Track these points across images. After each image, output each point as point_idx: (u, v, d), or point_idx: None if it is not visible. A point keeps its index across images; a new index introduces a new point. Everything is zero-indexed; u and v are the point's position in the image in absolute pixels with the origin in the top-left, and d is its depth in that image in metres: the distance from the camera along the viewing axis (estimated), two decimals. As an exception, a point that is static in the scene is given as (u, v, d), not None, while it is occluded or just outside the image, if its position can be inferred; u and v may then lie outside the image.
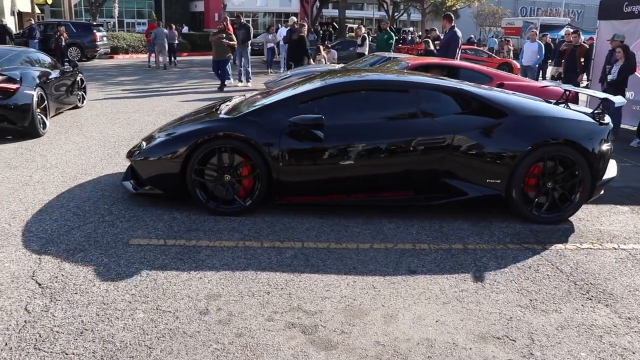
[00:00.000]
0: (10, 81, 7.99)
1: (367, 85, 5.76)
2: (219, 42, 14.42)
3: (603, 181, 5.37)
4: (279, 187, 5.17)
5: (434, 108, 5.41)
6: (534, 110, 5.39)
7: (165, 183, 5.28)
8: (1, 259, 4.13)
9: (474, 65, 9.28)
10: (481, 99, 5.41)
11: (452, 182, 5.22)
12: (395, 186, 5.28)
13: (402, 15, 49.33)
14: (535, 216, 5.28)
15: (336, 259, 4.33)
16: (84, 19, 39.40)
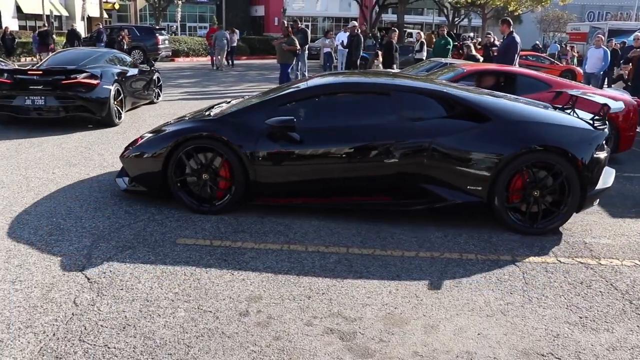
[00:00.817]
0: (92, 77, 9.35)
1: (347, 88, 5.75)
2: (279, 47, 14.57)
3: (595, 191, 5.08)
4: (256, 188, 5.20)
5: (415, 112, 5.26)
6: (520, 115, 5.20)
7: (149, 181, 5.43)
8: (55, 253, 4.28)
9: (531, 72, 9.02)
10: (464, 103, 5.25)
11: (431, 187, 5.09)
12: (372, 190, 5.22)
13: (462, 20, 48.57)
14: (519, 225, 5.07)
15: (380, 265, 4.28)
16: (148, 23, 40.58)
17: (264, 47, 32.21)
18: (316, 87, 5.65)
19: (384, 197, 5.22)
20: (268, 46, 31.63)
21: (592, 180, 5.01)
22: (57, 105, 9.16)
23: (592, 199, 5.11)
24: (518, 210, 5.09)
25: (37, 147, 7.88)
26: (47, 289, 3.72)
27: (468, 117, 5.15)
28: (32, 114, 9.26)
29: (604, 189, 5.19)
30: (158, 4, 32.86)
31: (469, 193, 5.04)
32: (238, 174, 5.13)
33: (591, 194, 5.04)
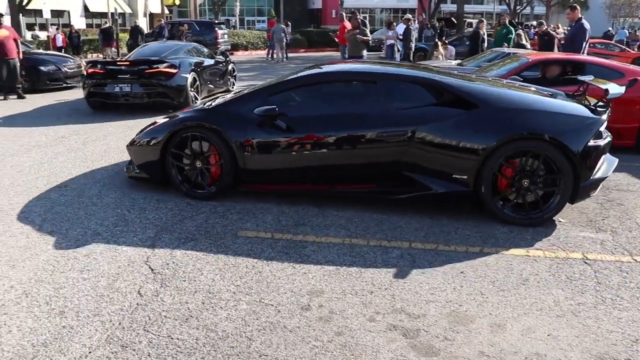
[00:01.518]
0: (171, 67, 10.62)
1: (335, 77, 5.78)
2: (352, 39, 14.40)
3: (591, 181, 4.84)
4: (244, 175, 5.34)
5: (403, 99, 5.19)
6: (510, 102, 5.02)
7: (149, 168, 5.67)
8: (120, 244, 4.37)
9: (602, 60, 8.61)
10: (451, 90, 5.11)
11: (416, 175, 5.02)
12: (357, 178, 5.20)
13: (524, 9, 47.18)
14: (509, 216, 4.90)
15: (443, 261, 4.17)
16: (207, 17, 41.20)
17: (322, 39, 32.20)
18: (306, 77, 5.67)
19: (369, 185, 5.19)
20: (326, 38, 31.62)
21: (586, 170, 4.78)
22: (142, 91, 10.52)
23: (587, 189, 4.88)
24: (508, 200, 4.93)
25: (102, 141, 8.11)
26: (113, 279, 3.79)
27: (455, 104, 5.03)
28: (120, 100, 10.58)
29: (601, 179, 4.96)
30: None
31: (454, 182, 4.93)
32: (227, 161, 5.29)
33: (585, 185, 4.80)
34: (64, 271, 3.91)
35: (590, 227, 4.90)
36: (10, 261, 4.08)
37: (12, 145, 7.88)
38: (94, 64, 11.10)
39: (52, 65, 14.21)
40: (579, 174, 4.73)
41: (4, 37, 12.40)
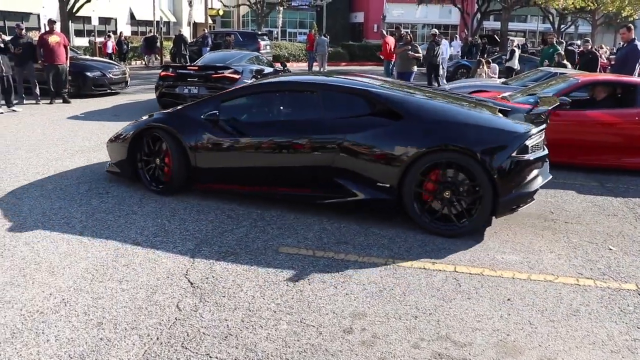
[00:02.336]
0: (235, 73, 11.58)
1: (279, 86, 6.07)
2: (404, 55, 14.30)
3: (514, 195, 4.80)
4: (196, 173, 5.73)
5: (339, 109, 5.39)
6: (434, 114, 5.11)
7: (120, 164, 6.19)
8: (160, 255, 4.32)
9: None
10: (381, 101, 5.26)
11: (344, 182, 5.14)
12: (295, 182, 5.40)
13: (568, 27, 46.41)
14: (431, 226, 4.95)
15: (490, 287, 4.00)
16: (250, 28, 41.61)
17: (363, 53, 32.17)
18: (255, 86, 6.18)
19: (304, 190, 5.37)
20: (367, 52, 31.59)
21: (506, 184, 4.73)
22: (207, 93, 10.94)
23: (509, 203, 4.85)
24: (430, 211, 4.98)
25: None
26: (152, 291, 3.73)
27: (384, 114, 5.17)
28: (188, 100, 10.73)
29: (525, 193, 4.90)
30: (261, 10, 33.59)
31: (378, 190, 5.02)
32: (176, 160, 5.71)
33: (507, 199, 4.77)
34: (103, 281, 3.87)
35: (646, 257, 4.66)
36: (50, 267, 4.06)
37: (57, 149, 7.97)
38: (167, 68, 12.11)
39: (98, 71, 14.47)
40: (498, 188, 4.70)
41: (55, 43, 12.67)
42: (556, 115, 7.41)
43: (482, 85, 11.03)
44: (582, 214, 5.73)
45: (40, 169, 6.85)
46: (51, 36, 12.71)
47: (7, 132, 9.27)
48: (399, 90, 5.58)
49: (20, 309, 3.47)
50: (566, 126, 7.52)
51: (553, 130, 7.44)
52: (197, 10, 41.39)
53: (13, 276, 3.92)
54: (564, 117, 7.48)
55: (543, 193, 6.32)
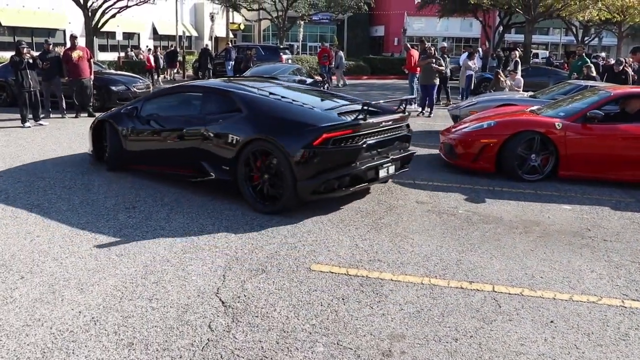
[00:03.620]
0: None
1: (180, 89, 7.61)
2: (427, 67, 14.21)
3: (312, 182, 5.45)
4: (125, 155, 7.32)
5: (212, 106, 6.49)
6: (261, 108, 6.08)
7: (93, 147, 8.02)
8: (189, 272, 4.23)
9: None
10: (233, 98, 6.31)
11: (204, 164, 6.23)
12: (179, 163, 6.69)
13: (592, 40, 45.87)
14: (256, 205, 5.81)
15: (531, 308, 3.83)
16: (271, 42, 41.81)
17: (385, 66, 32.09)
18: (166, 89, 7.89)
19: (186, 170, 6.57)
20: (388, 66, 31.50)
21: (304, 171, 5.39)
22: None
23: (308, 188, 5.47)
24: (257, 192, 5.83)
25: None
26: (183, 310, 3.64)
27: (234, 110, 6.19)
28: None
29: (332, 179, 5.51)
30: (282, 24, 33.73)
31: (223, 171, 6.04)
32: (112, 144, 7.42)
33: (305, 184, 5.43)
34: (133, 299, 3.79)
35: (693, 277, 4.46)
36: (79, 284, 3.99)
37: (84, 163, 7.97)
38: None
39: (122, 85, 14.55)
40: (295, 173, 5.40)
41: (78, 57, 12.77)
42: (588, 129, 7.25)
43: (508, 99, 10.85)
44: (620, 231, 5.53)
45: (67, 182, 6.83)
46: (74, 51, 12.81)
47: (34, 145, 9.30)
48: (255, 89, 6.64)
49: (50, 327, 3.40)
50: (598, 140, 7.31)
51: (585, 145, 7.28)
52: (219, 25, 41.72)
53: (42, 293, 3.85)
54: (595, 132, 7.29)
55: (578, 209, 6.15)
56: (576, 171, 7.35)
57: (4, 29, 30.18)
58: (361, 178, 5.78)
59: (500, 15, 35.59)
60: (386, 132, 6.06)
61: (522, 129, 7.42)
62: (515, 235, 5.29)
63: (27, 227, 5.21)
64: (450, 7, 34.11)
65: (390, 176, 6.31)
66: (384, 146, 6.10)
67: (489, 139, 7.53)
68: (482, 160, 7.56)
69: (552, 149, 7.32)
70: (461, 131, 8.03)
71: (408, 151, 6.59)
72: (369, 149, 5.81)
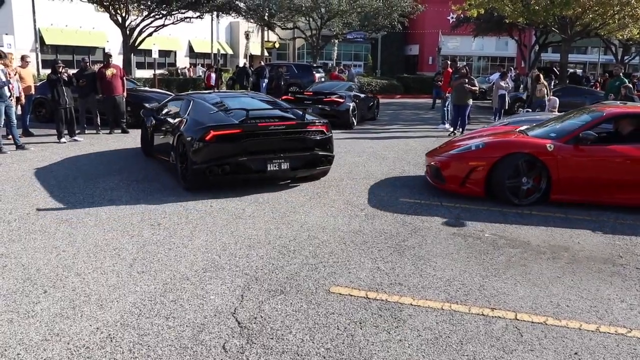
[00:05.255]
0: (340, 97, 15.57)
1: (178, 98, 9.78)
2: (460, 87, 14.08)
3: (200, 167, 7.16)
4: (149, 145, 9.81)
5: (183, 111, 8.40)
6: (192, 113, 8.01)
7: None
8: (208, 291, 4.22)
9: None
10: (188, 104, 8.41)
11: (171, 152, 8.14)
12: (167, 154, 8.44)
13: (633, 59, 45.00)
14: (181, 182, 7.72)
15: (554, 338, 3.71)
16: (305, 60, 42.11)
17: (418, 85, 31.98)
18: (171, 99, 10.02)
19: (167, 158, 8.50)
20: (422, 84, 31.38)
21: (194, 158, 7.21)
22: (319, 112, 14.06)
23: (198, 171, 7.20)
24: None
25: (198, 179, 8.16)
26: (198, 330, 3.63)
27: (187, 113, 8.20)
28: None
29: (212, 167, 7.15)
30: (316, 43, 34.01)
31: (171, 156, 8.12)
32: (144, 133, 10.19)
33: (195, 168, 7.19)
34: (150, 316, 3.79)
35: None
36: (99, 300, 4.02)
37: (113, 179, 8.10)
38: (286, 93, 17.54)
39: (155, 102, 14.75)
40: (189, 160, 7.26)
41: (111, 75, 13.05)
42: (580, 151, 6.93)
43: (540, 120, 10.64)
44: (654, 258, 5.34)
45: (96, 198, 6.94)
46: (108, 69, 13.09)
47: (67, 161, 9.50)
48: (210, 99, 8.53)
49: (67, 343, 3.43)
50: (591, 162, 6.98)
51: (577, 167, 6.96)
52: (254, 43, 42.28)
53: (63, 308, 3.90)
54: (588, 153, 6.95)
55: (610, 235, 5.97)
56: (569, 195, 7.03)
57: (48, 47, 31.16)
58: (248, 168, 7.24)
59: (536, 34, 35.20)
60: (278, 135, 7.39)
61: (512, 150, 7.10)
62: (542, 260, 5.16)
63: (54, 241, 5.29)
64: (484, 26, 33.93)
65: (285, 172, 7.50)
66: (276, 145, 7.41)
67: (478, 162, 7.23)
68: (471, 184, 7.22)
69: (544, 172, 6.99)
70: (448, 153, 7.72)
71: (315, 154, 7.68)
72: (255, 146, 7.24)
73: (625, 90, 12.96)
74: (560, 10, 21.17)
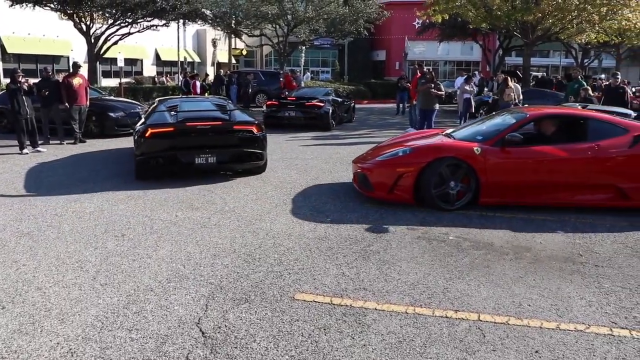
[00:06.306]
0: (320, 102, 16.76)
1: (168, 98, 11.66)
2: (427, 92, 14.21)
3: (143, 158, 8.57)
4: None
5: None
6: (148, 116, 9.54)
7: None
8: (172, 302, 4.18)
9: (604, 116, 7.67)
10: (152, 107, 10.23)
11: None
12: None
13: (592, 62, 46.05)
14: None
15: (516, 337, 3.77)
16: (273, 67, 42.10)
17: (385, 90, 32.24)
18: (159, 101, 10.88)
19: None
20: (389, 89, 31.64)
21: (138, 151, 8.62)
22: (301, 115, 16.57)
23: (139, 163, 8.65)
24: None
25: (163, 189, 8.09)
26: (162, 341, 3.59)
27: None
28: (285, 121, 16.57)
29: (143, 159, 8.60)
30: (283, 49, 34.01)
31: None
32: None
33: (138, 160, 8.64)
34: (112, 329, 3.75)
35: (685, 302, 4.39)
36: (60, 314, 3.95)
37: (77, 190, 7.97)
38: (271, 98, 19.46)
39: (121, 111, 14.61)
40: (135, 152, 8.74)
41: (78, 84, 12.92)
42: (507, 153, 7.00)
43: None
44: (613, 256, 5.47)
45: (58, 210, 6.82)
46: (75, 78, 12.96)
47: (30, 173, 9.33)
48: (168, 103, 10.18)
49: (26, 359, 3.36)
50: (518, 164, 7.06)
51: (505, 169, 7.02)
52: (221, 50, 42.08)
53: (22, 323, 3.82)
54: (515, 155, 7.04)
55: (571, 234, 6.09)
56: (498, 197, 7.04)
57: (10, 56, 30.53)
58: (179, 161, 8.52)
59: (499, 38, 35.80)
60: (205, 133, 8.57)
61: (439, 155, 7.02)
62: (505, 261, 5.24)
63: (14, 255, 5.19)
64: (449, 31, 34.35)
65: (212, 165, 8.62)
66: (204, 142, 8.57)
67: (405, 168, 7.07)
68: (399, 191, 7.07)
69: (472, 175, 6.96)
70: (375, 159, 7.51)
71: (241, 150, 8.79)
72: (184, 142, 8.54)
73: (584, 92, 13.28)
74: (522, 15, 21.62)
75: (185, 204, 7.20)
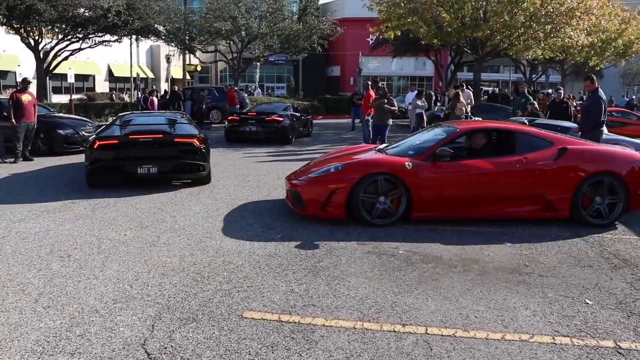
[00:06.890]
0: (279, 116, 17.51)
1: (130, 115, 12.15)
2: (380, 107, 14.33)
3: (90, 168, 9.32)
4: None
5: None
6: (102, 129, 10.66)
7: None
8: (117, 323, 4.10)
9: (531, 129, 8.13)
10: None
11: None
12: None
13: (539, 77, 47.49)
14: None
15: (462, 350, 3.83)
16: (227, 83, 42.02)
17: (339, 106, 32.51)
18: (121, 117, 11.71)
19: None
20: (342, 105, 31.92)
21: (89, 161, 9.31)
22: (262, 130, 17.23)
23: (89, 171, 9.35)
24: None
25: (112, 207, 7.95)
26: (106, 365, 3.51)
27: None
28: (246, 135, 17.29)
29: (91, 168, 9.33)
30: (237, 65, 33.96)
31: None
32: None
33: (88, 169, 9.35)
34: (54, 354, 3.64)
35: (621, 310, 4.54)
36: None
37: (22, 209, 7.74)
38: (232, 114, 19.45)
39: (70, 128, 14.31)
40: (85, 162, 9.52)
41: (27, 101, 12.65)
42: (438, 167, 7.09)
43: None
44: (557, 266, 5.62)
45: (1, 231, 6.61)
46: (24, 95, 12.66)
47: (-29, 193, 9.03)
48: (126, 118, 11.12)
49: (-39, 389, 3.23)
50: (449, 178, 7.17)
51: (437, 184, 7.09)
52: (175, 66, 41.79)
53: (-42, 352, 3.68)
54: (446, 169, 7.13)
55: (518, 245, 6.24)
56: (430, 212, 7.10)
57: (-47, 72, 29.60)
58: (123, 170, 9.24)
59: (451, 54, 36.62)
60: (147, 145, 9.26)
61: (371, 170, 7.02)
62: (453, 274, 5.32)
63: (-48, 280, 5.00)
64: (402, 47, 35.00)
65: (154, 175, 9.25)
66: (146, 154, 9.26)
67: (337, 184, 7.01)
68: (332, 207, 7.01)
69: (404, 190, 6.97)
70: (307, 176, 7.50)
71: (182, 162, 9.38)
72: (128, 153, 9.23)
73: (531, 107, 13.68)
74: (471, 32, 22.22)
75: (134, 222, 7.07)
